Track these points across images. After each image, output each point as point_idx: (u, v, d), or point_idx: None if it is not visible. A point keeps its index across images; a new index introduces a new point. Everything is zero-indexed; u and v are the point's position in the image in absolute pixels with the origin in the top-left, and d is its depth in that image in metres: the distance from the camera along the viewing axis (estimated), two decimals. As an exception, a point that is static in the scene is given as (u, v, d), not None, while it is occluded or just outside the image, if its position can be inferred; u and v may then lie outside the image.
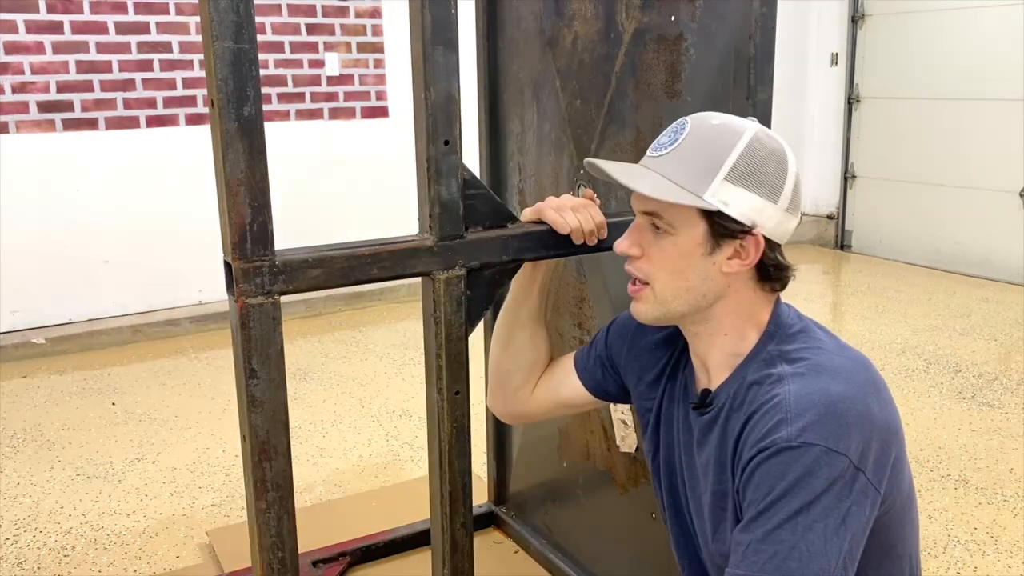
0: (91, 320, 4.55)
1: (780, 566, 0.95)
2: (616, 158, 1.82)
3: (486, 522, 2.52)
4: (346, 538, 2.41)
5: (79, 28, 4.32)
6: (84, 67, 4.36)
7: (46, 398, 3.76)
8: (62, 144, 4.37)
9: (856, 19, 6.32)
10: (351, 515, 2.62)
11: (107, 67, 4.42)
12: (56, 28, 4.27)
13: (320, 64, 5.00)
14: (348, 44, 5.07)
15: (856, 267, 6.09)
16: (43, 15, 4.23)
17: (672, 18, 1.62)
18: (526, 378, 1.43)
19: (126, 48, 4.45)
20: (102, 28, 4.38)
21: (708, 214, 1.06)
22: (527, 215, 1.37)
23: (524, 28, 2.07)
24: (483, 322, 2.00)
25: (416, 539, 2.41)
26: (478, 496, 2.39)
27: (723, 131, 1.08)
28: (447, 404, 1.31)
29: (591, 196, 1.40)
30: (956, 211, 5.78)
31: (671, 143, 1.09)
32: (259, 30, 4.57)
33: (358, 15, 5.07)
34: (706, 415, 1.15)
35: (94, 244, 4.52)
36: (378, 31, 5.16)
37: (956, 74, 5.65)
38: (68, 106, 4.35)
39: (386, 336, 4.59)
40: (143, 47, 4.50)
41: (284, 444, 1.20)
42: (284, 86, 4.90)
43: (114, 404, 3.68)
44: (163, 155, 4.61)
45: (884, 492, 1.01)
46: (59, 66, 4.30)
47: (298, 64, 4.93)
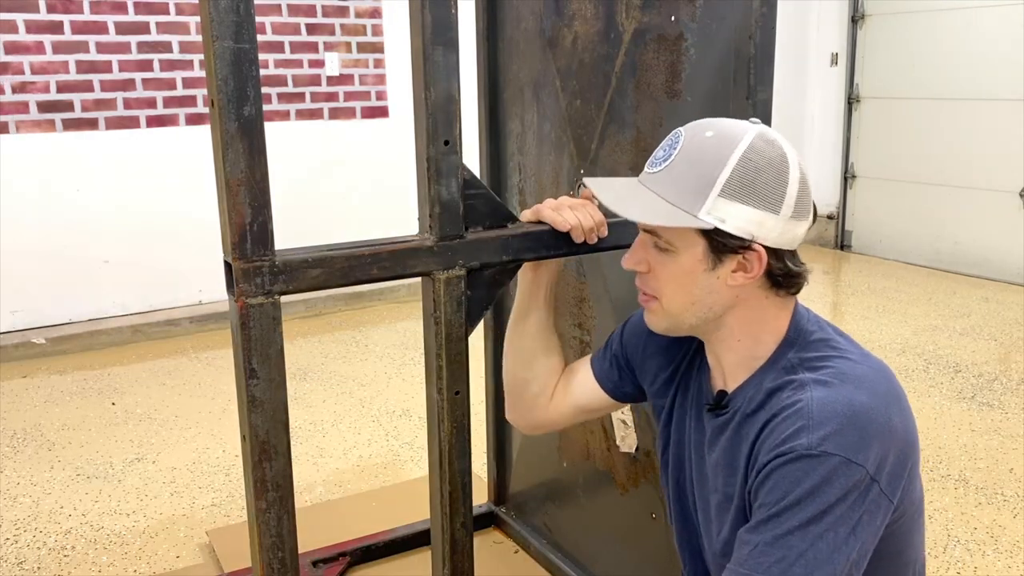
0: (91, 320, 4.55)
1: (786, 571, 0.95)
2: (616, 158, 1.82)
3: (486, 522, 2.52)
4: (346, 538, 2.41)
5: (79, 28, 4.32)
6: (84, 67, 4.36)
7: (46, 398, 3.76)
8: (62, 144, 4.37)
9: (856, 19, 6.32)
10: (351, 515, 2.62)
11: (107, 67, 4.42)
12: (56, 28, 4.27)
13: (320, 64, 5.00)
14: (348, 44, 5.07)
15: (856, 267, 6.09)
16: (43, 15, 4.23)
17: (672, 18, 1.62)
18: (542, 387, 1.42)
19: (126, 48, 4.45)
20: (102, 28, 4.38)
21: (706, 232, 1.05)
22: (526, 216, 1.37)
23: (524, 28, 2.07)
24: (483, 322, 2.00)
25: (416, 539, 2.41)
26: (478, 496, 2.39)
27: (716, 143, 1.05)
28: (447, 404, 1.31)
29: (589, 196, 1.40)
30: (956, 211, 5.78)
31: (665, 159, 1.08)
32: (259, 30, 4.58)
33: (358, 15, 5.07)
34: (720, 417, 1.14)
35: (94, 244, 4.52)
36: (378, 31, 5.16)
37: (956, 74, 5.65)
38: (68, 106, 4.35)
39: (386, 336, 4.59)
40: (143, 47, 4.50)
41: (284, 444, 1.20)
42: (284, 86, 4.90)
43: (114, 404, 3.68)
44: (163, 155, 4.61)
45: (896, 502, 1.01)
46: (59, 66, 4.30)
47: (298, 64, 4.93)
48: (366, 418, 3.49)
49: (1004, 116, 5.39)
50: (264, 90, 3.04)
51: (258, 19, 4.64)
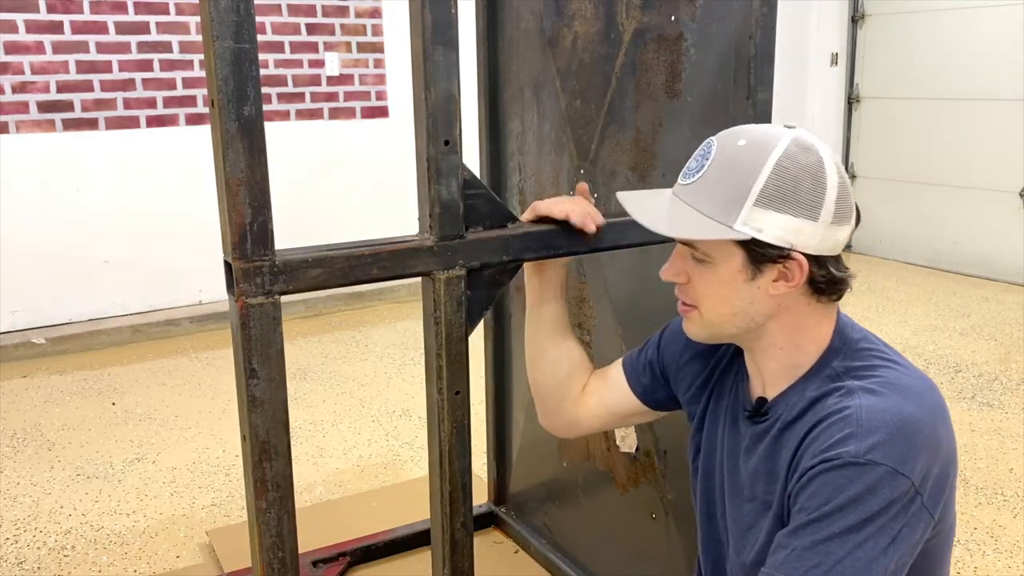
0: (91, 320, 4.55)
1: None
2: (616, 158, 1.82)
3: (486, 522, 2.52)
4: (346, 538, 2.41)
5: (79, 28, 4.32)
6: (84, 67, 4.36)
7: (46, 398, 3.76)
8: (62, 144, 4.37)
9: (856, 19, 6.32)
10: (351, 515, 2.62)
11: (107, 67, 4.42)
12: (56, 28, 4.27)
13: (320, 64, 5.00)
14: (348, 44, 5.07)
15: (856, 267, 5.99)
16: (43, 15, 4.23)
17: (672, 18, 1.62)
18: (568, 388, 1.40)
19: (126, 48, 4.45)
20: (102, 28, 4.38)
21: (744, 242, 1.03)
22: (525, 217, 1.37)
23: (524, 28, 2.07)
24: (483, 322, 2.00)
25: (416, 539, 2.41)
26: (478, 496, 2.39)
27: (750, 152, 1.03)
28: (447, 404, 1.30)
29: (584, 191, 1.40)
30: (956, 211, 5.78)
31: (698, 169, 1.06)
32: (259, 30, 4.57)
33: (358, 15, 5.07)
34: (760, 424, 1.13)
35: (94, 244, 4.52)
36: (378, 31, 5.16)
37: (956, 74, 5.65)
38: (68, 106, 4.35)
39: (386, 336, 4.59)
40: (143, 47, 4.50)
41: (284, 444, 1.20)
42: (284, 86, 4.90)
43: (114, 404, 3.68)
44: (163, 155, 4.61)
45: (937, 517, 1.00)
46: (59, 66, 4.30)
47: (298, 64, 4.93)
48: (366, 418, 3.49)
49: (1004, 116, 5.39)
50: (264, 90, 3.04)
51: (258, 19, 4.64)
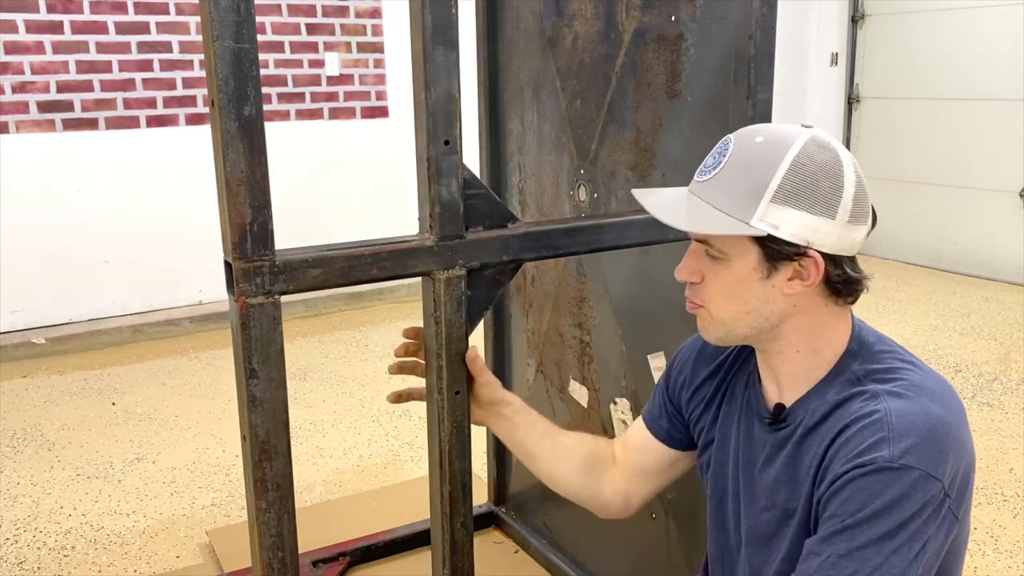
0: (91, 320, 4.55)
1: None
2: (616, 158, 1.82)
3: (486, 522, 2.52)
4: (346, 538, 2.41)
5: (79, 28, 4.32)
6: (84, 67, 4.36)
7: (46, 398, 3.76)
8: (62, 144, 4.37)
9: (856, 19, 6.32)
10: (351, 515, 2.62)
11: (107, 67, 4.42)
12: (56, 28, 4.27)
13: (320, 64, 5.00)
14: (348, 44, 5.07)
15: (856, 267, 6.08)
16: (43, 15, 4.23)
17: (672, 18, 1.62)
18: (595, 472, 1.37)
19: (126, 48, 4.45)
20: (102, 28, 4.38)
21: (760, 238, 1.03)
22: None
23: (524, 28, 2.07)
24: (483, 322, 2.00)
25: (416, 539, 2.41)
26: (478, 496, 2.39)
27: (767, 149, 1.03)
28: (447, 404, 1.30)
29: (474, 357, 1.32)
30: (956, 211, 5.78)
31: (715, 166, 1.05)
32: (259, 30, 4.56)
33: (358, 15, 5.07)
34: (780, 431, 1.11)
35: (94, 244, 4.52)
36: (378, 31, 5.16)
37: (956, 74, 5.65)
38: (68, 106, 4.35)
39: (386, 336, 4.59)
40: (143, 47, 4.50)
41: (284, 444, 1.20)
42: (284, 86, 4.90)
43: (114, 404, 3.68)
44: (163, 155, 4.61)
45: (960, 519, 1.00)
46: (59, 66, 4.30)
47: (298, 64, 4.93)
48: (366, 418, 3.49)
49: (1004, 116, 5.38)
50: (264, 90, 3.04)
51: (258, 19, 4.64)
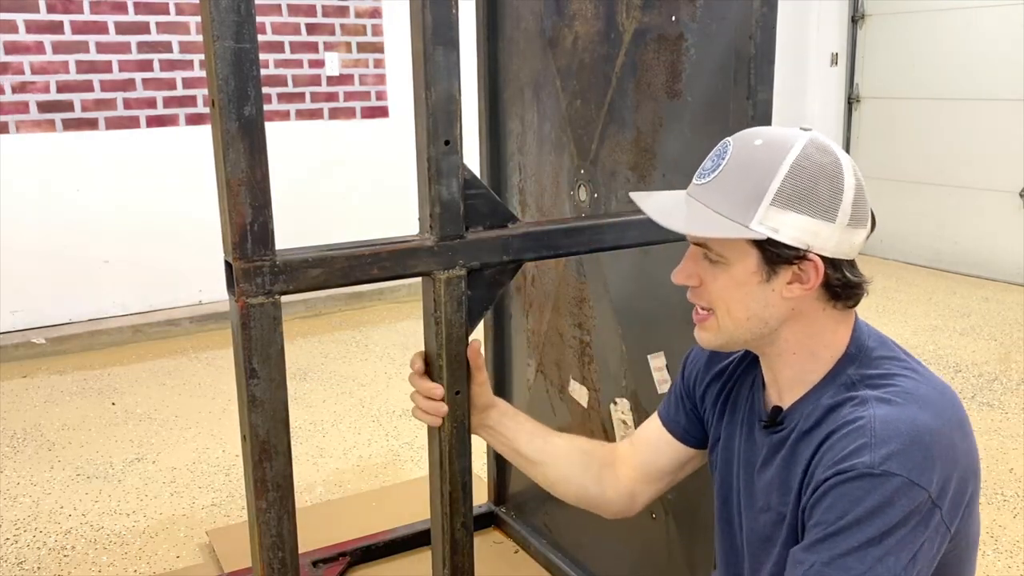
0: (91, 320, 4.55)
1: None
2: (616, 158, 1.82)
3: (486, 522, 2.52)
4: (346, 538, 2.41)
5: (79, 28, 4.32)
6: (84, 67, 4.36)
7: (46, 398, 3.76)
8: (62, 144, 4.37)
9: (856, 19, 6.32)
10: (351, 515, 2.62)
11: (107, 67, 4.42)
12: (56, 28, 4.27)
13: (320, 64, 5.00)
14: (348, 44, 5.07)
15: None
16: (43, 15, 4.23)
17: (672, 18, 1.62)
18: (593, 471, 1.36)
19: (126, 48, 4.45)
20: (102, 28, 4.38)
21: (759, 242, 1.02)
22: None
23: (524, 28, 2.07)
24: (483, 322, 2.00)
25: (416, 539, 2.41)
26: (478, 496, 2.39)
27: (766, 152, 1.02)
28: (447, 404, 1.31)
29: (419, 370, 1.32)
30: (956, 211, 5.78)
31: (713, 169, 1.04)
32: (259, 30, 4.56)
33: (358, 15, 5.07)
34: (776, 434, 1.11)
35: (94, 244, 4.52)
36: (378, 31, 5.16)
37: (956, 74, 5.65)
38: (68, 106, 4.35)
39: (386, 336, 4.59)
40: (143, 47, 4.50)
41: (284, 444, 1.20)
42: (284, 86, 4.90)
43: (114, 404, 3.68)
44: (163, 155, 4.61)
45: (953, 531, 0.98)
46: (59, 66, 4.30)
47: (298, 64, 4.93)
48: (366, 418, 3.49)
49: (1004, 116, 5.38)
50: (264, 90, 3.04)
51: (258, 19, 4.63)
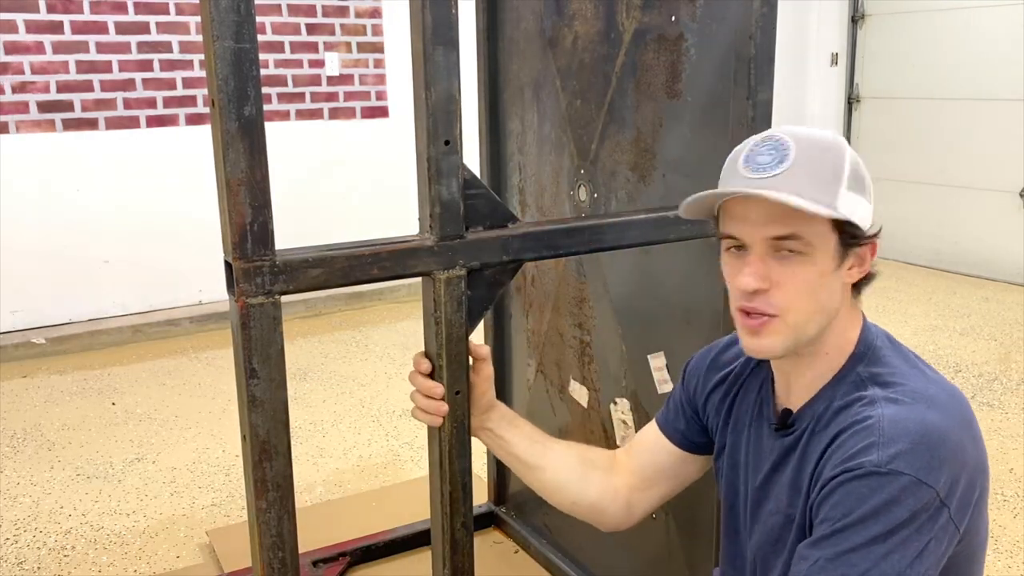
0: (91, 320, 4.55)
1: None
2: (616, 158, 1.82)
3: (486, 522, 2.52)
4: (346, 538, 2.41)
5: (79, 28, 4.32)
6: (84, 67, 4.36)
7: (46, 398, 3.76)
8: (62, 144, 4.37)
9: (856, 19, 6.32)
10: (351, 515, 2.62)
11: (107, 67, 4.42)
12: (56, 28, 4.27)
13: (320, 64, 5.00)
14: (348, 44, 5.07)
15: (856, 267, 6.08)
16: (43, 15, 4.23)
17: (672, 18, 1.62)
18: (591, 479, 1.36)
19: (126, 48, 4.45)
20: (102, 28, 4.38)
21: (838, 226, 1.02)
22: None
23: (524, 28, 2.07)
24: (483, 322, 2.00)
25: (416, 539, 2.41)
26: (478, 496, 2.39)
27: (822, 140, 1.04)
28: (447, 404, 1.30)
29: (423, 370, 1.32)
30: (956, 211, 5.78)
31: (781, 160, 1.01)
32: (259, 30, 4.56)
33: (358, 15, 5.07)
34: (788, 437, 1.10)
35: (94, 244, 4.52)
36: (378, 31, 5.16)
37: (956, 74, 5.65)
38: (68, 106, 4.35)
39: (386, 336, 4.59)
40: (143, 47, 4.50)
41: (284, 444, 1.20)
42: (284, 86, 4.90)
43: (114, 404, 3.68)
44: (163, 155, 4.61)
45: (962, 532, 0.98)
46: (59, 66, 4.30)
47: (298, 64, 4.93)
48: (366, 418, 3.49)
49: (1004, 116, 5.38)
50: (264, 90, 3.04)
51: (258, 19, 4.63)
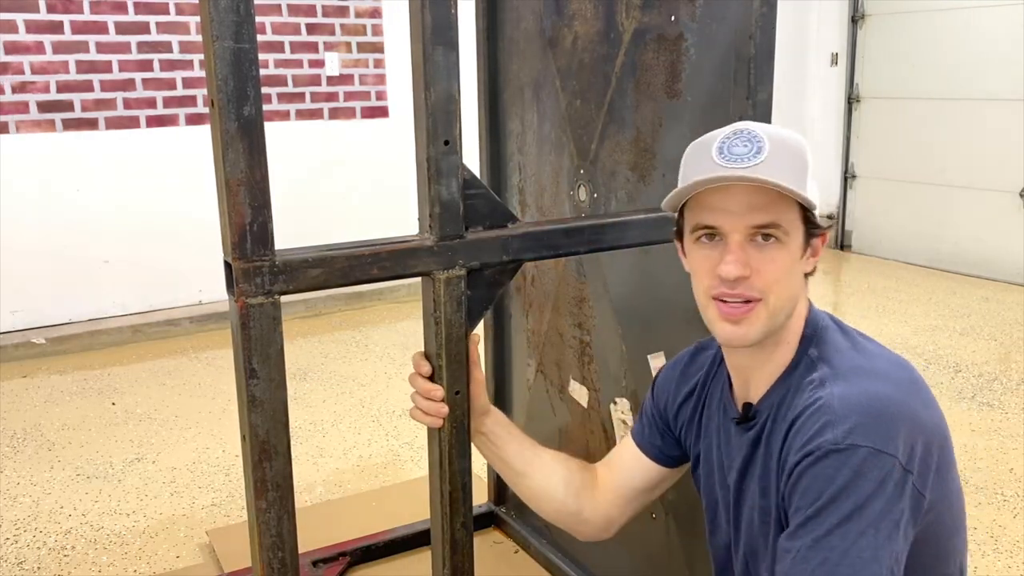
0: (91, 320, 4.55)
1: (831, 572, 0.92)
2: (616, 158, 1.82)
3: (486, 522, 2.52)
4: (346, 538, 2.41)
5: (79, 28, 4.32)
6: (84, 67, 4.36)
7: (46, 398, 3.76)
8: (62, 144, 4.37)
9: (856, 19, 6.32)
10: (351, 515, 2.62)
11: (107, 67, 4.42)
12: (56, 28, 4.27)
13: (320, 64, 5.00)
14: (348, 44, 5.07)
15: (856, 267, 6.09)
16: (43, 15, 4.23)
17: (672, 18, 1.62)
18: (576, 489, 1.36)
19: (126, 48, 4.45)
20: (102, 28, 4.38)
21: (804, 216, 1.05)
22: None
23: (524, 28, 2.07)
24: (483, 322, 2.00)
25: (416, 539, 2.40)
26: (478, 496, 2.39)
27: (787, 134, 1.07)
28: (447, 404, 1.31)
29: (423, 372, 1.32)
30: (956, 211, 5.78)
31: (758, 151, 1.03)
32: (259, 30, 4.56)
33: (358, 15, 5.07)
34: (751, 430, 1.12)
35: (94, 244, 4.52)
36: (378, 31, 5.16)
37: (956, 74, 5.65)
38: (68, 106, 4.35)
39: (386, 336, 4.59)
40: (143, 47, 4.50)
41: (284, 444, 1.20)
42: (284, 86, 4.90)
43: (114, 404, 3.68)
44: (163, 155, 4.61)
45: (929, 498, 0.98)
46: (59, 66, 4.30)
47: (298, 64, 4.93)
48: (366, 418, 3.49)
49: (1004, 116, 5.38)
50: (264, 90, 3.04)
51: (258, 19, 4.64)
